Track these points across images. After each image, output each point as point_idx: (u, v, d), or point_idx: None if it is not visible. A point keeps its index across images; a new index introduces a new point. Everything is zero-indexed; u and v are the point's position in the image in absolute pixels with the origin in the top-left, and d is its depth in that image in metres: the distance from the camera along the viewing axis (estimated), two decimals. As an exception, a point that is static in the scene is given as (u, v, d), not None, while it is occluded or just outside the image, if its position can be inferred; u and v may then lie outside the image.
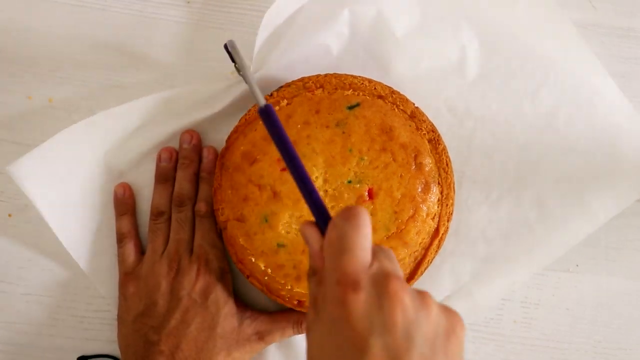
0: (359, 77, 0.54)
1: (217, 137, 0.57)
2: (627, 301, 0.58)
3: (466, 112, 0.57)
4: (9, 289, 0.57)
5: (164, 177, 0.56)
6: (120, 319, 0.54)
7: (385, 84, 0.54)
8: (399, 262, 0.52)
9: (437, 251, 0.54)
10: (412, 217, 0.51)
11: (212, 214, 0.54)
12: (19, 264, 0.57)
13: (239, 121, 0.54)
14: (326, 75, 0.54)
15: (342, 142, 0.51)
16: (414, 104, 0.54)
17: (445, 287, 0.56)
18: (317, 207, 0.40)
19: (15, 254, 0.57)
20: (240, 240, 0.52)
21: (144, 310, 0.52)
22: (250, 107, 0.55)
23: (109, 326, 0.57)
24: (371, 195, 0.51)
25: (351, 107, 0.52)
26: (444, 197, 0.53)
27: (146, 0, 0.59)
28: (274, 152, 0.51)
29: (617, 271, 0.58)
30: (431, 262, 0.54)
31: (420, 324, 0.34)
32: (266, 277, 0.52)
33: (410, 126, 0.53)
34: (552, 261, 0.56)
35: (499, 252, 0.56)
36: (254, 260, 0.52)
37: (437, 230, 0.53)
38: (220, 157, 0.54)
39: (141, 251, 0.56)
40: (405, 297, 0.34)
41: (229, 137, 0.54)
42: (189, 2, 0.59)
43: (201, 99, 0.56)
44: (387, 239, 0.51)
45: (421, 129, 0.53)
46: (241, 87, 0.55)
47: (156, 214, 0.55)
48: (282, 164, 0.51)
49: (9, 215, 0.57)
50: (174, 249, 0.53)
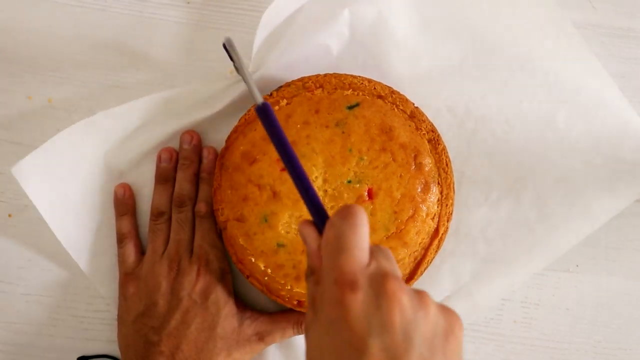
0: (359, 77, 0.54)
1: (217, 137, 0.57)
2: (627, 301, 0.58)
3: (466, 112, 0.57)
4: (9, 289, 0.57)
5: (164, 177, 0.56)
6: (120, 319, 0.54)
7: (385, 84, 0.54)
8: (398, 262, 0.52)
9: (436, 251, 0.54)
10: (412, 217, 0.51)
11: (212, 215, 0.54)
12: (19, 264, 0.57)
13: (239, 121, 0.54)
14: (326, 75, 0.54)
15: (342, 142, 0.51)
16: (413, 104, 0.54)
17: (445, 287, 0.56)
18: (314, 205, 0.39)
19: (15, 254, 0.57)
20: (240, 240, 0.52)
21: (144, 310, 0.52)
22: (249, 107, 0.55)
23: (109, 326, 0.57)
24: (371, 195, 0.51)
25: (351, 107, 0.52)
26: (443, 197, 0.53)
27: (146, 0, 0.59)
28: (273, 152, 0.51)
29: (617, 271, 0.58)
30: (431, 262, 0.54)
31: (418, 324, 0.34)
32: (266, 277, 0.52)
33: (409, 126, 0.53)
34: (552, 261, 0.56)
35: (499, 252, 0.56)
36: (253, 260, 0.52)
37: (436, 230, 0.53)
38: (219, 157, 0.54)
39: (141, 251, 0.56)
40: (403, 297, 0.34)
41: (229, 137, 0.54)
42: (189, 3, 0.59)
43: (201, 99, 0.56)
44: (387, 239, 0.51)
45: (421, 129, 0.53)
46: (241, 87, 0.55)
47: (156, 215, 0.55)
48: (281, 164, 0.51)
49: (9, 215, 0.57)
50: (174, 250, 0.53)
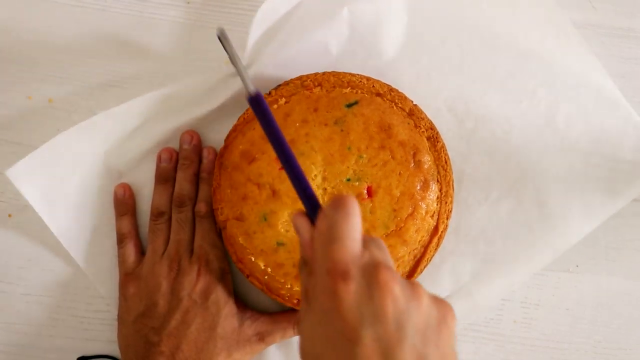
0: (357, 75, 0.54)
1: (216, 137, 0.57)
2: (627, 301, 0.58)
3: (466, 111, 0.57)
4: (9, 289, 0.57)
5: (164, 177, 0.56)
6: (120, 320, 0.54)
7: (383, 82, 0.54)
8: (398, 260, 0.52)
9: (436, 249, 0.53)
10: (411, 214, 0.51)
11: (212, 215, 0.54)
12: (19, 264, 0.57)
13: (238, 120, 0.54)
14: (324, 73, 0.54)
15: (341, 140, 0.51)
16: (412, 102, 0.54)
17: (445, 287, 0.56)
18: (306, 196, 0.39)
19: (15, 254, 0.57)
20: (239, 239, 0.52)
21: (144, 310, 0.52)
22: (248, 106, 0.55)
23: (109, 326, 0.57)
24: (370, 193, 0.51)
25: (349, 105, 0.52)
26: (443, 195, 0.53)
27: (146, 0, 0.59)
28: (272, 151, 0.50)
29: (617, 271, 0.58)
30: (430, 260, 0.54)
31: (411, 315, 0.34)
32: (266, 276, 0.52)
33: (408, 124, 0.53)
34: (552, 261, 0.56)
35: (499, 252, 0.56)
36: (253, 259, 0.52)
37: (436, 228, 0.53)
38: (219, 156, 0.54)
39: (141, 251, 0.56)
40: (395, 287, 0.34)
41: (228, 136, 0.54)
42: (189, 3, 0.59)
43: (200, 93, 0.56)
44: (386, 236, 0.51)
45: (420, 127, 0.53)
46: (239, 83, 0.55)
47: (156, 215, 0.55)
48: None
49: (9, 215, 0.57)
50: (174, 250, 0.53)
